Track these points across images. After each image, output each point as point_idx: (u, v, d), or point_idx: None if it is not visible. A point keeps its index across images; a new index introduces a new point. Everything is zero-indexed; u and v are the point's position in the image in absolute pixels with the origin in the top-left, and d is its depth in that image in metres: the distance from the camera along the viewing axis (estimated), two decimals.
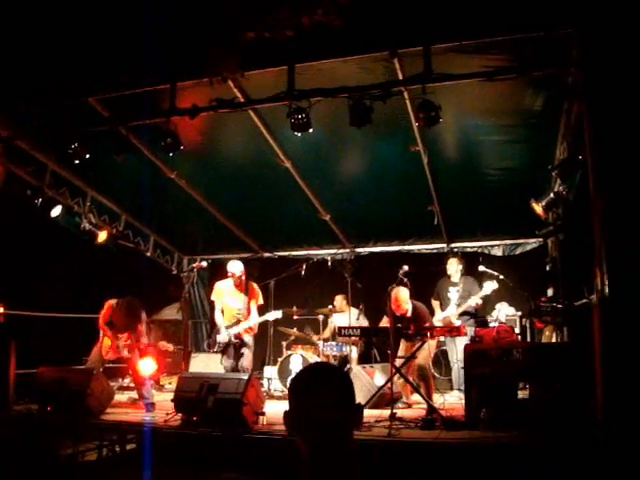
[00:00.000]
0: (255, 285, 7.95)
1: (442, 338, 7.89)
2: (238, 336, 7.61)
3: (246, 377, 6.13)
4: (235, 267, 7.71)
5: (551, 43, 5.42)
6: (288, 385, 2.06)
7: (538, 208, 7.10)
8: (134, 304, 7.61)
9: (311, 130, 6.08)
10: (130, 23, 5.99)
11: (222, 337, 7.62)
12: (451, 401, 7.22)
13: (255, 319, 7.75)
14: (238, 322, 7.64)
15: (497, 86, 6.07)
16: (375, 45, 5.65)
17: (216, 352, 7.78)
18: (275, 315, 8.06)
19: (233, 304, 7.74)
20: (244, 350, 7.64)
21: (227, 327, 7.62)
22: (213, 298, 7.90)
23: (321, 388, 1.82)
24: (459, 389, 8.57)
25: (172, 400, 6.30)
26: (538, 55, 5.51)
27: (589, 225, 5.47)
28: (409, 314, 7.14)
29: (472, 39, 5.50)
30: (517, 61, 5.65)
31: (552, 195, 6.96)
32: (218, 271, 8.83)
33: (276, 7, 5.28)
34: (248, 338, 7.67)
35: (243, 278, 7.74)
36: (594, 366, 4.89)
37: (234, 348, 7.63)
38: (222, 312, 7.76)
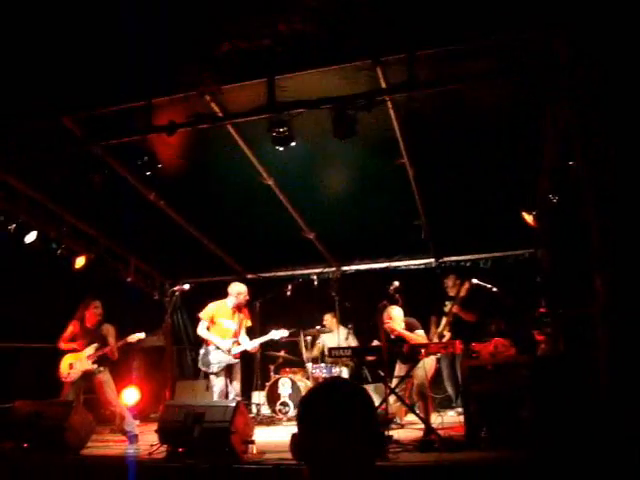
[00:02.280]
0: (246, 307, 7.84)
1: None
2: (237, 357, 7.43)
3: (233, 404, 5.85)
4: (242, 289, 7.60)
5: (537, 45, 5.28)
6: (298, 404, 1.75)
7: (529, 218, 6.94)
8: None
9: (293, 144, 5.89)
10: (103, 40, 5.77)
11: (222, 358, 7.35)
12: (449, 420, 6.97)
13: (255, 340, 7.67)
14: (237, 344, 7.44)
15: (482, 92, 5.94)
16: (357, 53, 5.47)
17: (211, 374, 7.43)
18: (280, 334, 7.82)
19: (228, 325, 7.54)
20: (236, 371, 7.45)
21: (228, 348, 7.39)
22: (202, 316, 7.58)
23: (334, 411, 1.56)
24: (452, 407, 8.36)
25: (156, 431, 5.99)
26: (524, 58, 5.36)
27: (582, 232, 5.31)
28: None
29: (457, 44, 5.34)
30: (503, 65, 5.49)
31: (543, 203, 6.80)
32: (202, 295, 8.54)
33: (250, 15, 5.08)
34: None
35: (246, 301, 7.68)
36: (597, 377, 4.70)
37: (227, 370, 7.40)
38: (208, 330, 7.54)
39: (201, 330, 7.57)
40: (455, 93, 5.90)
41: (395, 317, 6.79)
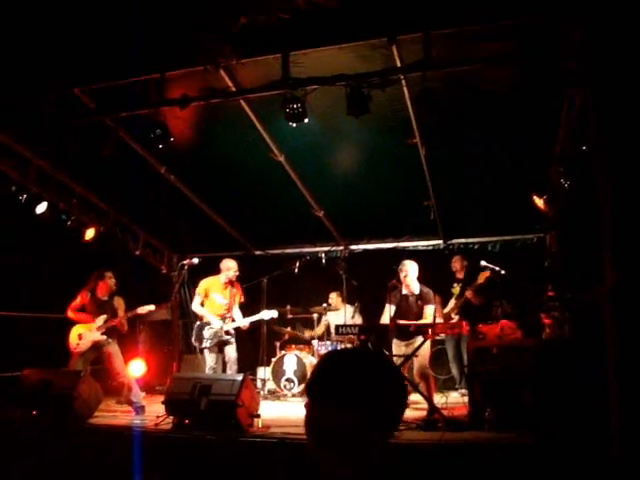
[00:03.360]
0: (237, 282, 8.01)
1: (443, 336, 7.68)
2: (228, 333, 7.64)
3: (240, 378, 5.91)
4: (232, 265, 7.85)
5: (554, 28, 5.23)
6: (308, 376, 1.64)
7: (540, 201, 6.91)
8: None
9: (306, 120, 5.87)
10: (117, 10, 5.73)
11: (213, 333, 7.57)
12: (452, 401, 7.02)
13: (246, 318, 7.84)
14: (231, 319, 7.69)
15: (496, 74, 5.90)
16: (373, 31, 5.43)
17: (204, 348, 7.58)
18: (270, 314, 8.07)
19: (220, 300, 7.80)
20: (232, 346, 7.66)
21: (220, 326, 7.58)
22: (199, 293, 7.88)
23: (339, 384, 1.45)
24: (456, 388, 8.40)
25: (163, 402, 6.06)
26: (540, 40, 5.32)
27: (593, 217, 5.29)
28: (416, 292, 6.96)
29: (473, 25, 5.30)
30: (519, 47, 5.45)
31: (554, 188, 6.77)
32: (208, 269, 8.57)
33: None
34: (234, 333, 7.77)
35: (235, 276, 7.85)
36: (603, 361, 4.71)
37: (221, 344, 7.64)
38: (202, 305, 7.81)
39: (195, 305, 7.89)
40: (470, 73, 5.85)
41: (409, 271, 6.82)
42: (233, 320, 7.76)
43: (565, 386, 5.28)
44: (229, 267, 7.83)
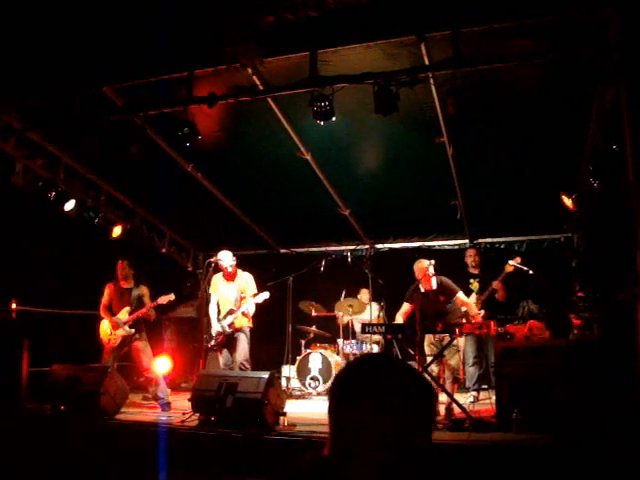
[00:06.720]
0: (246, 274, 7.62)
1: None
2: (232, 326, 7.24)
3: (266, 376, 5.91)
4: (224, 257, 7.42)
5: (587, 25, 5.15)
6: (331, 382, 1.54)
7: (568, 201, 6.82)
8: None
9: (334, 119, 5.85)
10: (145, 9, 5.77)
11: (214, 329, 7.30)
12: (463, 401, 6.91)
13: (246, 305, 7.39)
14: (231, 312, 7.31)
15: (526, 72, 5.83)
16: (402, 29, 5.39)
17: (213, 347, 7.40)
18: (263, 296, 7.48)
19: (227, 295, 7.46)
20: (238, 342, 7.24)
21: (220, 320, 7.32)
22: (210, 291, 7.58)
23: (372, 397, 1.36)
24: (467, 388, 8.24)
25: (189, 399, 6.09)
26: (573, 38, 5.24)
27: (623, 217, 5.22)
28: (434, 287, 6.88)
29: (503, 22, 5.24)
30: (550, 44, 5.37)
31: (583, 187, 6.68)
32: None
33: None
34: (245, 328, 7.32)
35: (232, 268, 7.45)
36: (633, 363, 4.64)
37: (229, 341, 7.30)
38: (217, 305, 7.50)
39: (210, 306, 7.52)
40: (499, 71, 5.79)
41: (428, 268, 6.88)
42: (232, 313, 7.31)
43: (594, 387, 5.20)
44: (219, 258, 7.40)
